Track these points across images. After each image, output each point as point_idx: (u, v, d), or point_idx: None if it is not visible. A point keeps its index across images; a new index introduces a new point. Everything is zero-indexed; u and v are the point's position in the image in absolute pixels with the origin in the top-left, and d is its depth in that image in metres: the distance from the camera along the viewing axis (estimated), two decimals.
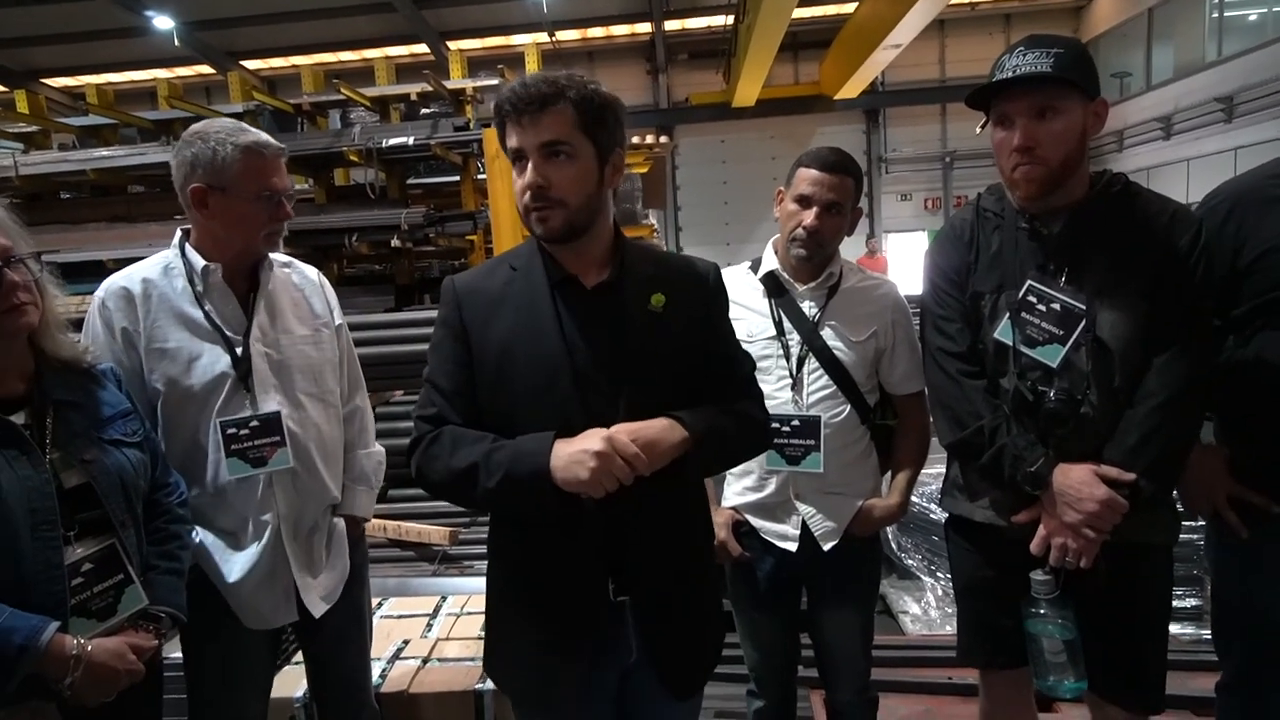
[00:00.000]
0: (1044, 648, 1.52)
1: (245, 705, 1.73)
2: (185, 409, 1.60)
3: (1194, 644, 2.95)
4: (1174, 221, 1.49)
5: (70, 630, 1.26)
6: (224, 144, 1.58)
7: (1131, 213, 1.51)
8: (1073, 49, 1.46)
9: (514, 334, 1.30)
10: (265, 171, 1.62)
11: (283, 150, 1.67)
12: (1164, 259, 1.47)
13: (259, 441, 1.62)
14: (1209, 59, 10.70)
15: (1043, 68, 1.43)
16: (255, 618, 1.66)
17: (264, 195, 1.61)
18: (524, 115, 1.23)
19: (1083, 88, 1.45)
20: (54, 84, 14.18)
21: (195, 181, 1.58)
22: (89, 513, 1.33)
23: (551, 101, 1.23)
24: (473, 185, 5.10)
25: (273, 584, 1.66)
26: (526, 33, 12.41)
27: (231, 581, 1.62)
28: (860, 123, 14.85)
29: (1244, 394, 1.59)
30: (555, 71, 1.27)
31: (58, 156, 5.08)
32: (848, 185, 1.79)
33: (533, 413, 1.27)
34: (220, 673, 1.69)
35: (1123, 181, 1.54)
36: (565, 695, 1.35)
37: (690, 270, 1.42)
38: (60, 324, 1.40)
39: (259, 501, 1.64)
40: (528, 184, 1.25)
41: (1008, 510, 1.57)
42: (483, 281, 1.37)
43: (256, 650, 1.72)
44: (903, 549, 3.95)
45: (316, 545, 1.74)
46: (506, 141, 1.27)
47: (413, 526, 3.37)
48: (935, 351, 1.63)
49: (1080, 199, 1.52)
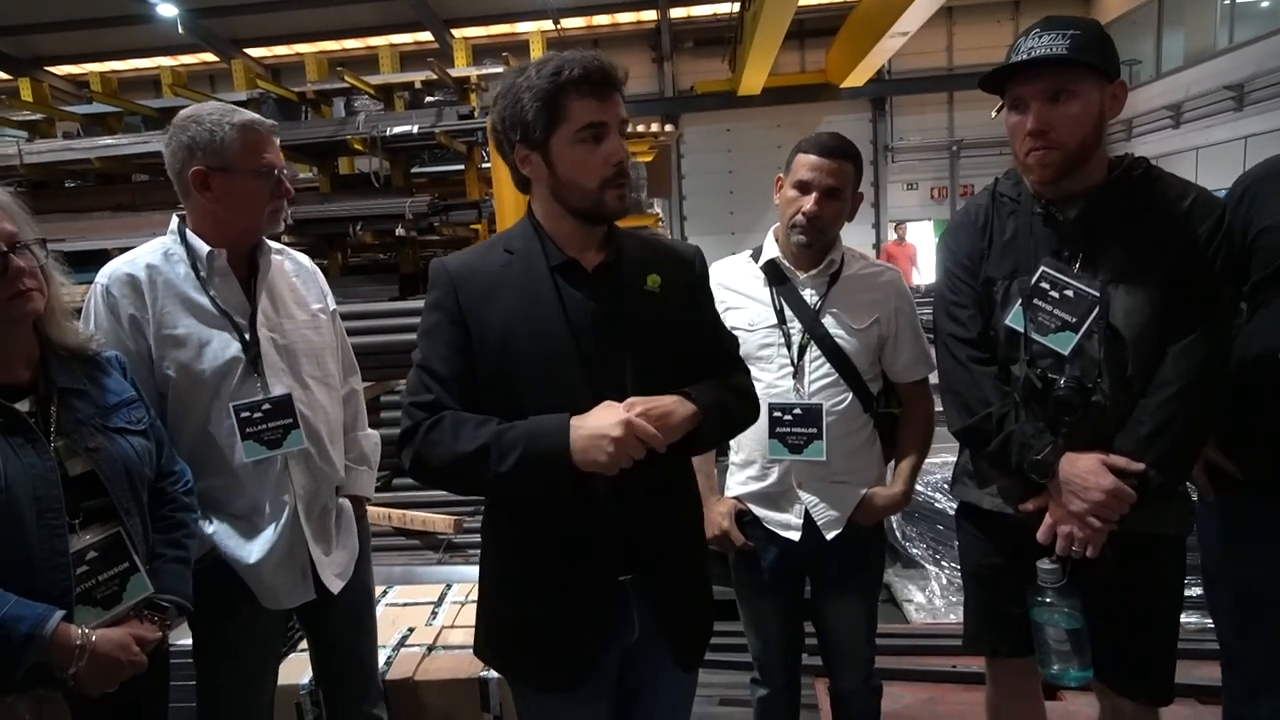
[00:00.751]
0: (1049, 636, 1.52)
1: (258, 689, 1.74)
2: (198, 395, 1.60)
3: (1199, 632, 2.94)
4: (1195, 207, 1.46)
5: (75, 619, 1.27)
6: (220, 124, 1.59)
7: (1151, 198, 1.48)
8: (1090, 30, 1.43)
9: (516, 317, 1.29)
10: (263, 147, 1.63)
11: (276, 127, 1.69)
12: (1183, 246, 1.45)
13: (273, 424, 1.64)
14: (1220, 46, 10.59)
15: (1058, 50, 1.40)
16: (272, 598, 1.67)
17: (265, 171, 1.63)
18: (609, 90, 1.25)
19: (1100, 69, 1.43)
20: (58, 72, 14.18)
21: (196, 165, 1.58)
22: (94, 501, 1.33)
23: (618, 81, 1.27)
24: (477, 174, 5.09)
25: (291, 563, 1.68)
26: (531, 20, 12.37)
27: (251, 563, 1.63)
28: (866, 111, 14.76)
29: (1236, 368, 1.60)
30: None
31: (62, 145, 5.08)
32: (847, 170, 1.78)
33: (540, 396, 1.26)
34: (234, 656, 1.70)
35: (1144, 165, 1.51)
36: (571, 677, 1.35)
37: (677, 253, 1.45)
38: (66, 311, 1.40)
39: (276, 483, 1.66)
40: (621, 158, 1.27)
41: (1015, 498, 1.56)
42: (478, 263, 1.35)
43: (269, 633, 1.74)
44: (907, 538, 3.95)
45: (329, 524, 1.77)
46: (572, 115, 1.24)
47: (417, 515, 3.38)
48: (946, 338, 1.62)
49: (1098, 183, 1.50)
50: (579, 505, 1.29)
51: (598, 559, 1.32)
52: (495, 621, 1.44)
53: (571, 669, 1.35)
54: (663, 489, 1.35)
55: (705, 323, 1.46)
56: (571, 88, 1.23)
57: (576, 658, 1.34)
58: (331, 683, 1.90)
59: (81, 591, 1.29)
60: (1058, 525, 1.47)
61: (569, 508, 1.29)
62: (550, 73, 1.24)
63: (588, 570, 1.32)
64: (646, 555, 1.35)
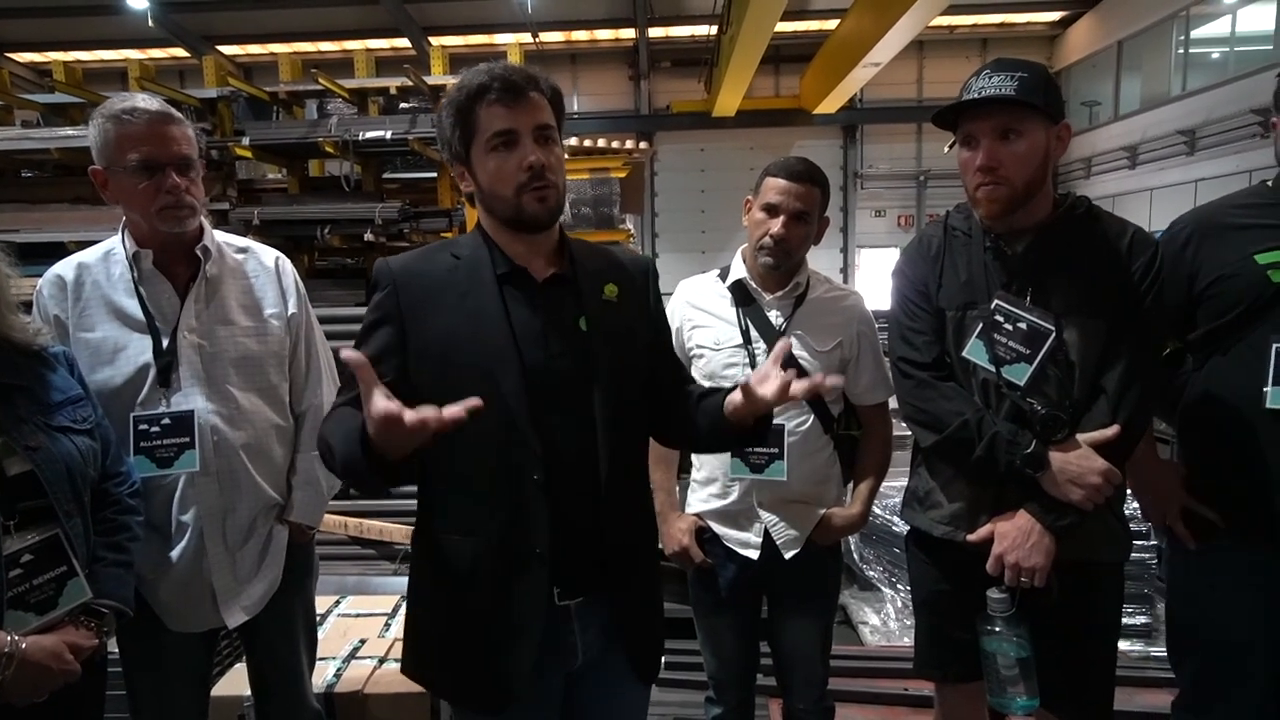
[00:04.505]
0: (999, 664, 1.54)
1: (178, 701, 1.68)
2: (110, 402, 1.52)
3: (1143, 660, 3.02)
4: (1132, 245, 1.52)
5: (5, 623, 1.22)
6: (99, 119, 1.49)
7: (1093, 235, 1.54)
8: (1036, 73, 1.49)
9: (458, 324, 1.26)
10: (138, 138, 1.48)
11: (168, 115, 1.52)
12: (1122, 281, 1.50)
13: (168, 440, 1.54)
14: (1174, 93, 11.03)
15: (1007, 90, 1.45)
16: (174, 619, 1.61)
17: (139, 165, 1.48)
18: (516, 98, 1.24)
19: (1046, 111, 1.48)
20: (19, 59, 13.79)
21: (93, 164, 1.52)
22: (32, 501, 1.29)
23: (534, 86, 1.26)
24: (449, 182, 5.06)
25: (190, 588, 1.59)
26: (510, 32, 12.35)
27: (149, 580, 1.56)
28: (838, 138, 15.02)
29: (1196, 416, 1.64)
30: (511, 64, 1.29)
31: (19, 133, 4.93)
32: (814, 195, 1.81)
33: None
34: (151, 669, 1.64)
35: (1086, 205, 1.57)
36: (498, 698, 1.29)
37: (631, 262, 1.45)
38: (11, 304, 1.35)
39: (178, 500, 1.57)
40: (531, 162, 1.24)
41: (968, 523, 1.59)
42: (422, 266, 1.32)
43: (186, 647, 1.66)
44: (864, 560, 3.99)
45: (249, 551, 1.65)
46: (482, 125, 1.25)
47: (374, 524, 3.32)
48: (900, 361, 1.64)
49: (1044, 220, 1.55)
50: (513, 520, 1.26)
51: (532, 578, 1.27)
52: (419, 634, 1.40)
53: (496, 689, 1.29)
54: (610, 506, 1.31)
55: (660, 330, 1.47)
56: (479, 98, 1.25)
57: (504, 678, 1.29)
58: (261, 699, 1.83)
59: (14, 595, 1.24)
60: (1005, 555, 1.50)
61: (503, 522, 1.26)
62: (459, 86, 1.27)
63: (521, 589, 1.28)
64: (590, 579, 1.31)
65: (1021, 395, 1.51)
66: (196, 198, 1.57)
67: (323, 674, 2.21)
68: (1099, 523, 1.53)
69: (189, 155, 1.55)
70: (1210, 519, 1.62)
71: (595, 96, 14.64)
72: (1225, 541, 1.61)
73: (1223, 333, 1.58)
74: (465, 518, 1.31)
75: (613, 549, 1.33)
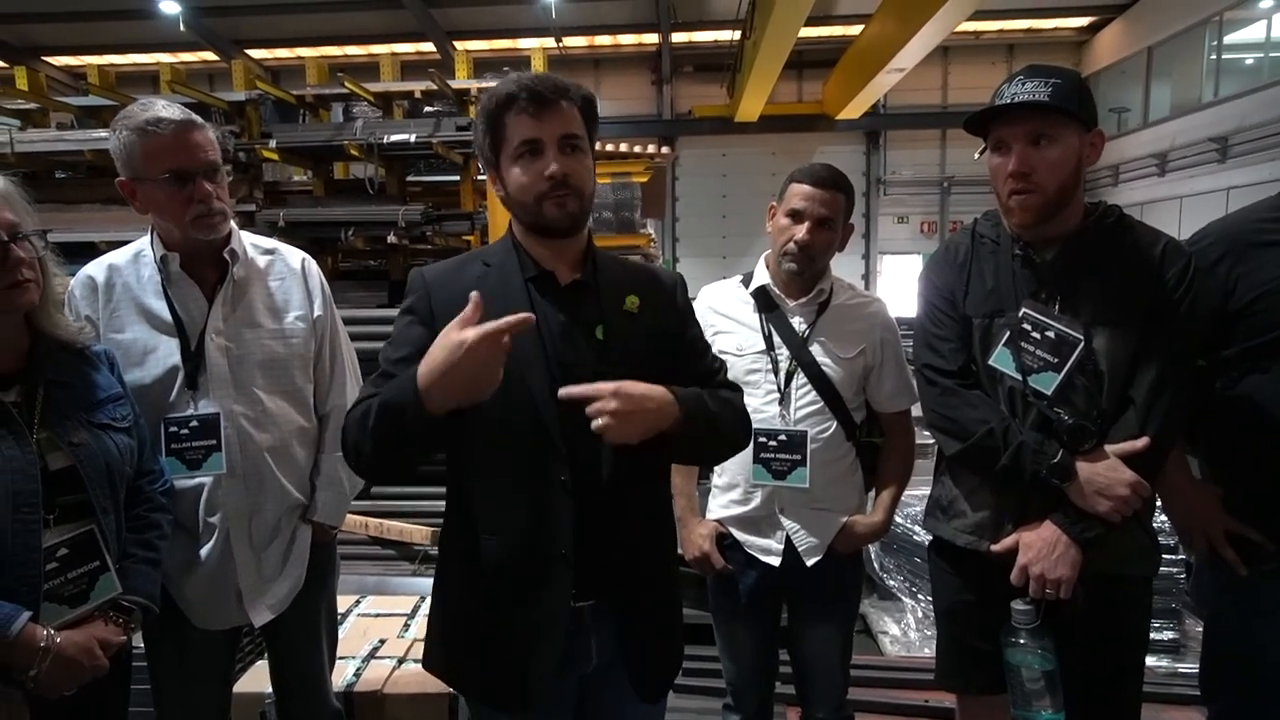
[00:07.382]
0: (1023, 677, 1.52)
1: (201, 697, 1.70)
2: (140, 403, 1.53)
3: (1169, 677, 2.95)
4: (1165, 254, 1.50)
5: (40, 616, 1.24)
6: (121, 130, 1.49)
7: (1124, 244, 1.52)
8: (1070, 80, 1.47)
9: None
10: (167, 150, 1.48)
11: (191, 122, 1.52)
12: (1154, 290, 1.48)
13: (197, 443, 1.56)
14: (1205, 99, 10.84)
15: (1040, 96, 1.44)
16: (200, 617, 1.62)
17: (170, 177, 1.49)
18: (542, 107, 1.26)
19: (1079, 117, 1.47)
20: (55, 62, 14.10)
21: (119, 175, 1.53)
22: (71, 496, 1.31)
23: (562, 95, 1.27)
24: (472, 185, 5.10)
25: (217, 587, 1.61)
26: (534, 37, 12.45)
27: (176, 578, 1.58)
28: (861, 143, 14.94)
29: (1233, 436, 1.59)
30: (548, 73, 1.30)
31: (55, 135, 5.05)
32: (839, 201, 1.80)
33: (504, 404, 1.22)
34: (175, 665, 1.66)
35: (1117, 214, 1.55)
36: (518, 697, 1.30)
37: (657, 277, 1.46)
38: (59, 303, 1.40)
39: (205, 502, 1.60)
40: (552, 172, 1.26)
41: (992, 533, 1.57)
42: (454, 273, 1.37)
43: (210, 645, 1.68)
44: (885, 569, 3.95)
45: (274, 551, 1.67)
46: (509, 134, 1.28)
47: (395, 525, 3.35)
48: (924, 368, 1.63)
49: (1074, 229, 1.53)
50: (539, 521, 1.27)
51: (554, 581, 1.29)
52: (444, 630, 1.41)
53: (520, 687, 1.30)
54: (633, 510, 1.32)
55: (692, 345, 1.44)
56: (508, 107, 1.27)
57: (525, 677, 1.30)
58: (282, 696, 1.85)
59: (49, 589, 1.27)
60: (1030, 567, 1.48)
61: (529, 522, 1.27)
62: (491, 94, 1.29)
63: (545, 591, 1.29)
64: (609, 581, 1.32)
65: (1049, 404, 1.49)
66: (225, 201, 1.59)
67: (342, 673, 2.23)
68: (1128, 536, 1.50)
69: (215, 161, 1.56)
70: (1258, 542, 1.56)
71: (617, 101, 14.69)
72: (1273, 565, 1.55)
73: (1263, 351, 1.53)
74: (492, 517, 1.32)
75: (633, 553, 1.34)
